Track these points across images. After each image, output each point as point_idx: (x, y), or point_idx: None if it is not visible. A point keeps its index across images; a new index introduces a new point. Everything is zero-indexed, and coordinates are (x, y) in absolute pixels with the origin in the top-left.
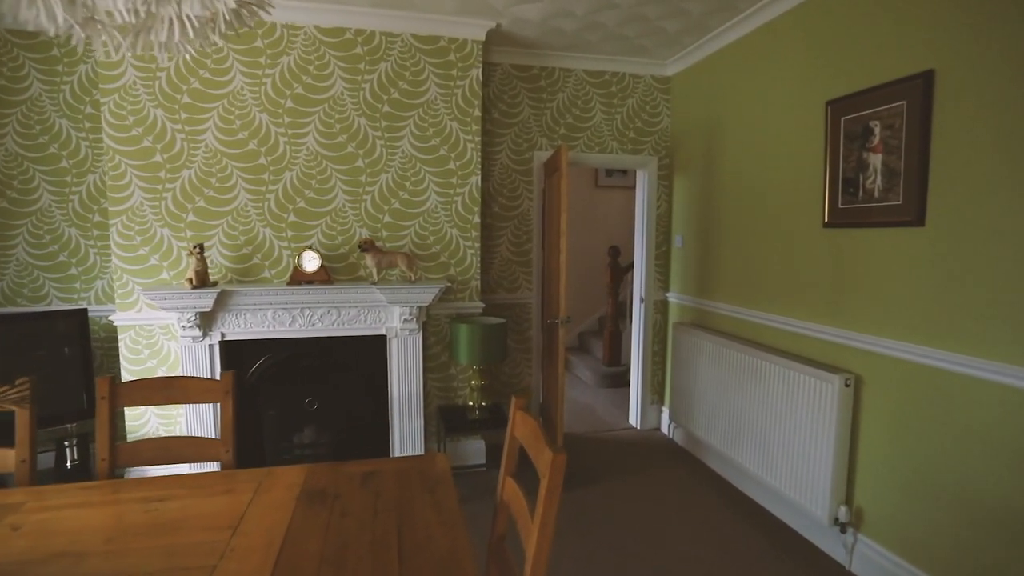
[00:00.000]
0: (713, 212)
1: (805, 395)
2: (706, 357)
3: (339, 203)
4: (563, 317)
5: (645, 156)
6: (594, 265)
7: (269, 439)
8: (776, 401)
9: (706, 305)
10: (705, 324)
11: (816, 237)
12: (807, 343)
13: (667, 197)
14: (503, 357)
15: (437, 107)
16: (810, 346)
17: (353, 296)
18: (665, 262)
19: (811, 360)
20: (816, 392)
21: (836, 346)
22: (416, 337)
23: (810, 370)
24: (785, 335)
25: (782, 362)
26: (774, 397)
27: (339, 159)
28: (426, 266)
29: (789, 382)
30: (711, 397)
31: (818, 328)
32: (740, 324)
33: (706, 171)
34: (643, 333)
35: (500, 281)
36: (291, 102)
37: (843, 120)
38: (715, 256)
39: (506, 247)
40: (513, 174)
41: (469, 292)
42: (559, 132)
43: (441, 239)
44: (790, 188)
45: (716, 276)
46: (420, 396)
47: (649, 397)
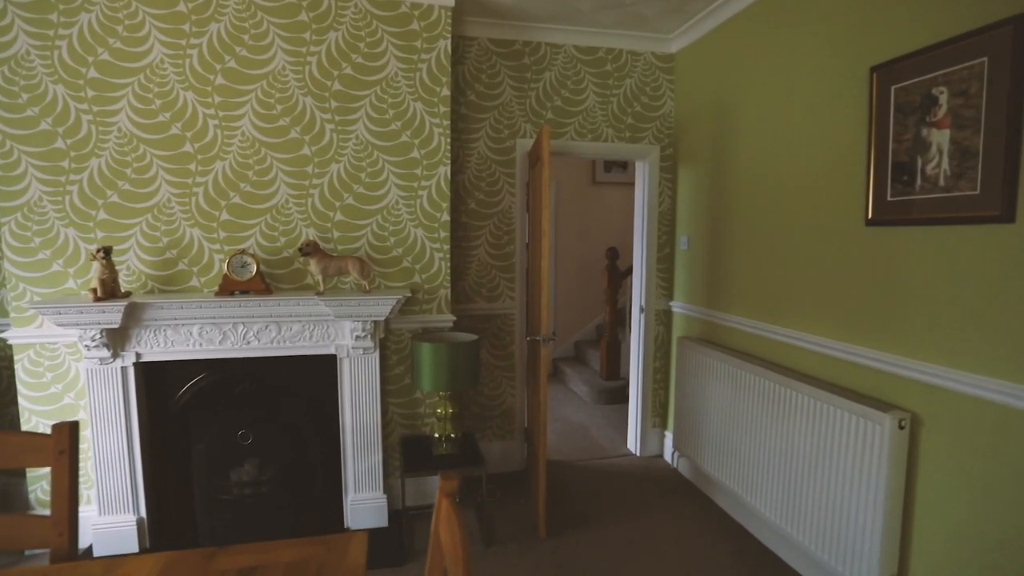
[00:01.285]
0: (724, 209)
1: (844, 435)
2: (716, 379)
3: (281, 198)
4: (546, 334)
5: (645, 145)
6: (591, 268)
7: (200, 478)
8: (805, 439)
9: (716, 317)
10: (715, 340)
11: (857, 238)
12: (845, 369)
13: (670, 192)
14: (475, 382)
15: (398, 85)
16: (850, 373)
17: (294, 309)
18: (668, 266)
19: (851, 391)
20: (859, 433)
21: (884, 376)
22: (372, 356)
23: (851, 405)
24: (816, 358)
25: (813, 392)
26: (803, 434)
27: (281, 146)
28: (385, 272)
29: (823, 417)
30: (722, 427)
31: (860, 351)
32: (758, 342)
33: (716, 162)
34: (643, 347)
35: (478, 289)
36: (222, 78)
37: (894, 90)
38: (727, 261)
39: (485, 249)
40: (492, 165)
41: (437, 303)
42: (545, 117)
43: (403, 241)
44: (822, 178)
45: (728, 284)
46: (378, 426)
47: (650, 420)
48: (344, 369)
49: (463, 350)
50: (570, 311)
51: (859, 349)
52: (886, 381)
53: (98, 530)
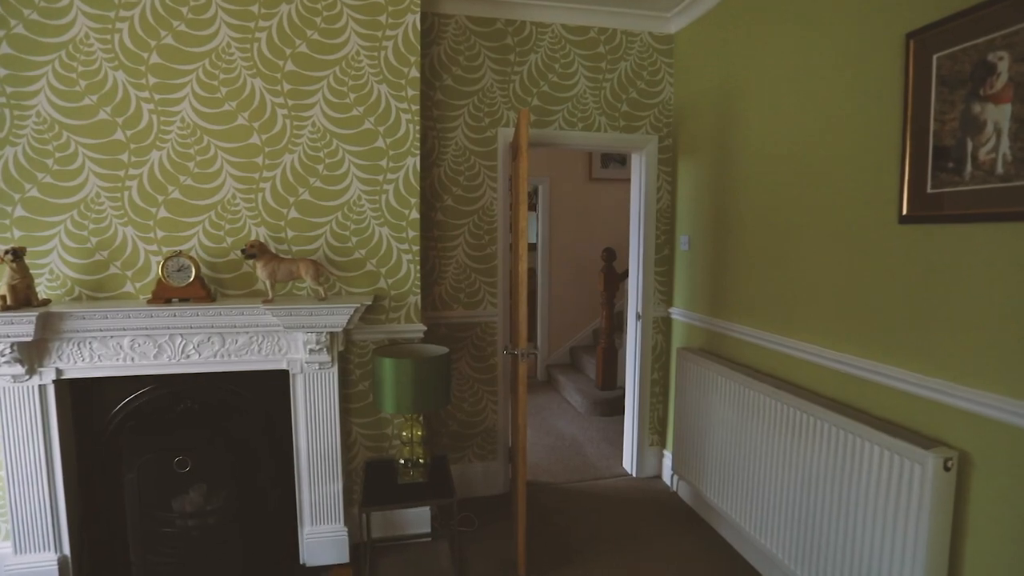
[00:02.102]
0: (730, 206)
1: (875, 473)
2: (720, 397)
3: (227, 193)
4: (523, 348)
5: (642, 135)
6: (588, 270)
7: (134, 510)
8: (825, 474)
9: (720, 327)
10: (719, 351)
11: (888, 237)
12: (875, 393)
13: (670, 187)
14: (445, 401)
15: (360, 66)
16: (881, 398)
17: (238, 319)
18: (667, 269)
19: (884, 420)
20: (894, 472)
21: (924, 403)
22: (329, 372)
23: (883, 438)
24: (839, 378)
25: (836, 419)
26: (822, 468)
27: (226, 134)
28: (346, 277)
29: (848, 450)
30: (727, 451)
31: (893, 373)
32: (769, 356)
33: (720, 153)
34: (639, 358)
35: (456, 294)
36: (157, 56)
37: (936, 59)
38: (732, 264)
39: (463, 251)
40: (472, 157)
41: (406, 311)
42: (531, 104)
43: (367, 241)
44: (845, 169)
45: (734, 290)
46: (337, 450)
47: (647, 437)
48: (297, 386)
49: (431, 366)
50: (565, 315)
51: (892, 370)
52: (926, 410)
53: (12, 571)
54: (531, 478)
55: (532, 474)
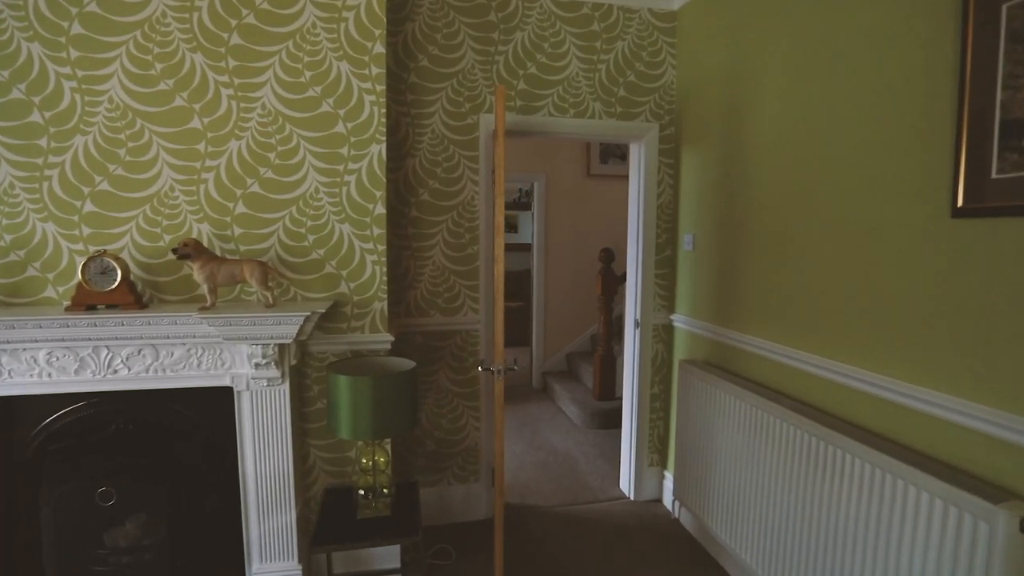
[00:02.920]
0: (741, 201)
1: (924, 525)
2: (728, 418)
3: (164, 184)
4: (501, 364)
5: (641, 123)
6: (586, 271)
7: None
8: (858, 521)
9: (728, 337)
10: (727, 365)
11: (938, 234)
12: (924, 426)
13: (672, 180)
14: (410, 424)
15: (317, 40)
16: (931, 433)
17: (170, 329)
18: (669, 272)
19: (934, 460)
20: (949, 527)
21: (990, 443)
22: (279, 389)
23: (937, 484)
24: (875, 405)
25: (873, 456)
26: (854, 513)
27: (162, 117)
28: (302, 280)
29: (889, 495)
30: (735, 479)
31: (948, 403)
32: (786, 374)
33: (730, 141)
34: (638, 369)
35: (433, 299)
36: (79, 26)
37: (1006, 8)
38: (743, 266)
39: (441, 250)
40: (450, 146)
41: (371, 319)
42: (517, 87)
43: (326, 240)
44: (880, 155)
45: (745, 296)
46: (289, 476)
47: (646, 456)
48: (243, 405)
49: (394, 384)
50: (562, 319)
51: (946, 399)
52: (994, 452)
53: None
54: (519, 500)
55: (520, 496)
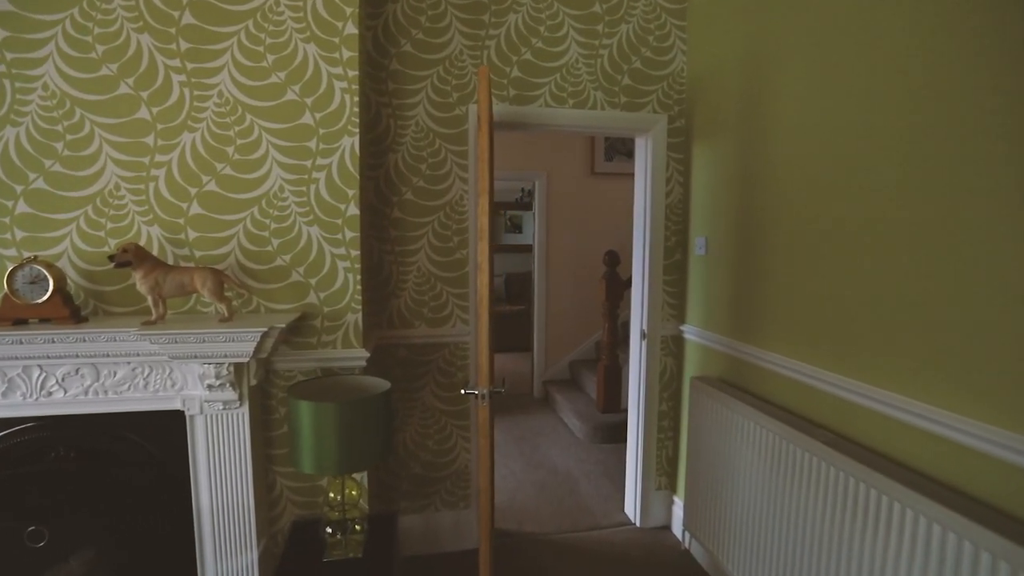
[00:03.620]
0: (761, 199)
1: None
2: (748, 446)
3: (108, 182)
4: (484, 387)
5: (647, 115)
6: (590, 275)
7: None
8: None
9: (746, 353)
10: (746, 385)
11: (1019, 237)
12: (995, 472)
13: (682, 178)
14: (383, 455)
15: (281, 19)
16: (1007, 482)
17: (110, 346)
18: (679, 278)
19: (1013, 520)
20: None
21: None
22: (238, 413)
23: (1017, 552)
24: (933, 444)
25: (935, 510)
26: (906, 572)
27: (105, 106)
28: (265, 290)
29: (953, 557)
30: (754, 516)
31: None
32: (818, 399)
33: (747, 133)
34: (644, 385)
35: (418, 309)
36: (9, 4)
37: None
38: (765, 273)
39: (427, 255)
40: (436, 140)
41: (343, 332)
42: (510, 75)
43: (292, 244)
44: (932, 142)
45: (767, 307)
46: (250, 511)
47: (653, 479)
48: (197, 431)
49: (365, 409)
50: (564, 325)
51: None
52: None
53: None
54: (515, 527)
55: (517, 522)
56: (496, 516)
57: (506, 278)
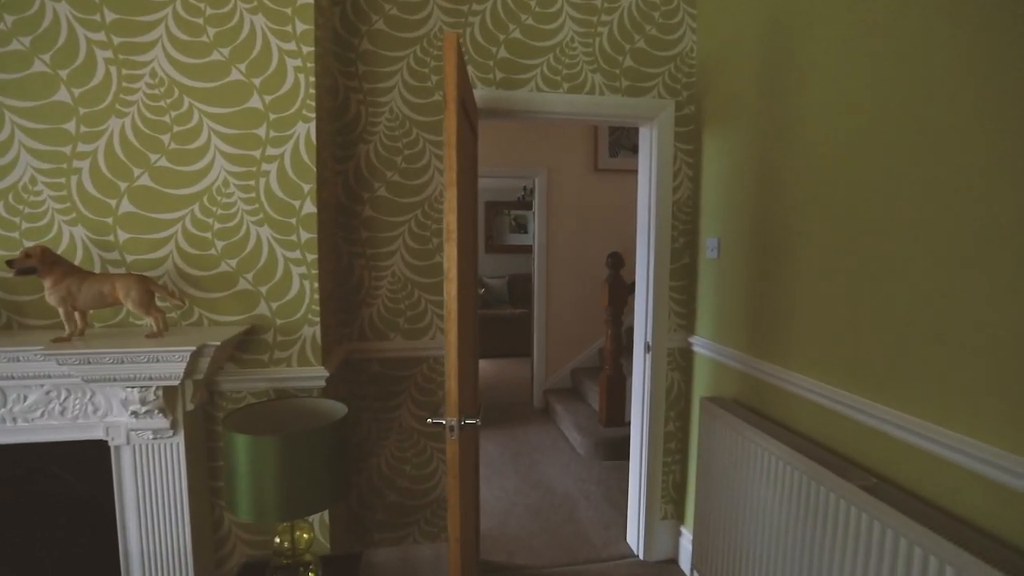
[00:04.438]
0: (785, 194)
1: None
2: (769, 482)
3: (22, 176)
4: (453, 418)
5: (653, 100)
6: (593, 277)
7: None
8: None
9: (767, 373)
10: (766, 410)
11: None
12: None
13: (691, 171)
14: (335, 497)
15: None
16: None
17: (13, 367)
18: (688, 284)
19: None
20: None
21: None
22: (171, 443)
23: None
24: (1011, 500)
25: None
26: None
27: (17, 87)
28: (208, 300)
29: None
30: (779, 565)
31: None
32: (856, 432)
33: (769, 118)
34: (648, 402)
35: (393, 319)
36: None
37: None
38: (788, 281)
39: (403, 258)
40: (413, 130)
41: (299, 348)
42: (496, 56)
43: (238, 247)
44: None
45: (791, 320)
46: (187, 555)
47: (659, 507)
48: (123, 463)
49: (314, 443)
50: (566, 330)
51: None
52: None
53: None
54: (505, 559)
55: (506, 552)
56: (484, 544)
57: (509, 279)
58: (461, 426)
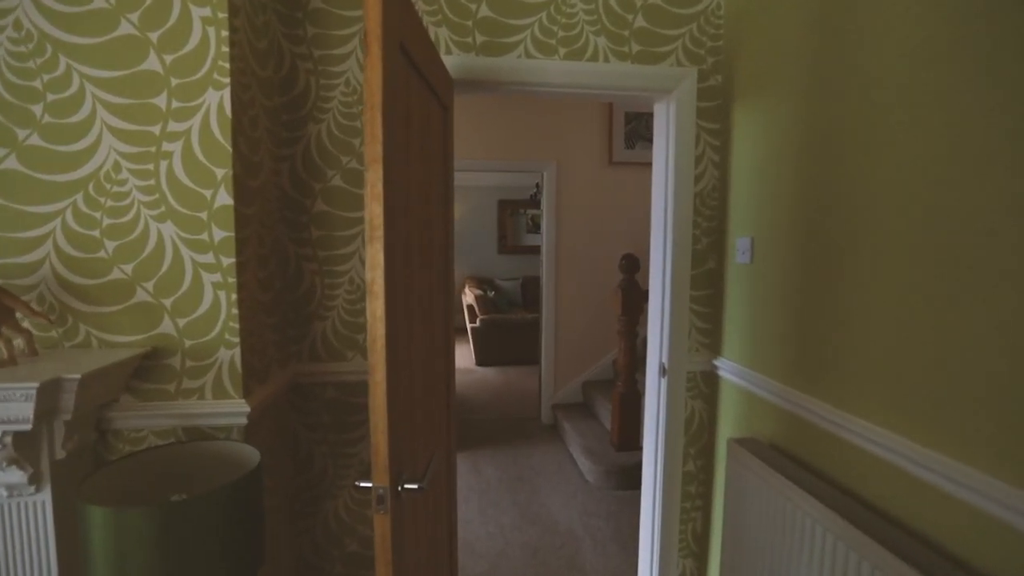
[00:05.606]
0: (842, 183)
1: None
2: (816, 561)
3: None
4: (382, 485)
5: (670, 69)
6: (608, 282)
7: None
8: None
9: (818, 414)
10: (815, 461)
11: None
12: None
13: (718, 156)
14: None
15: None
16: None
17: None
18: (713, 293)
19: None
20: None
21: None
22: (34, 502)
23: None
24: None
25: None
26: None
27: None
28: (96, 315)
29: None
30: None
31: None
32: (961, 514)
33: (826, 86)
34: (663, 435)
35: (351, 335)
36: None
37: None
38: (847, 292)
39: (362, 261)
40: None
41: (214, 375)
42: (476, 14)
43: (134, 249)
44: None
45: (852, 345)
46: None
47: (676, 562)
48: None
49: (204, 514)
50: (578, 340)
51: None
52: None
53: None
54: None
55: None
56: None
57: (523, 281)
58: (397, 493)
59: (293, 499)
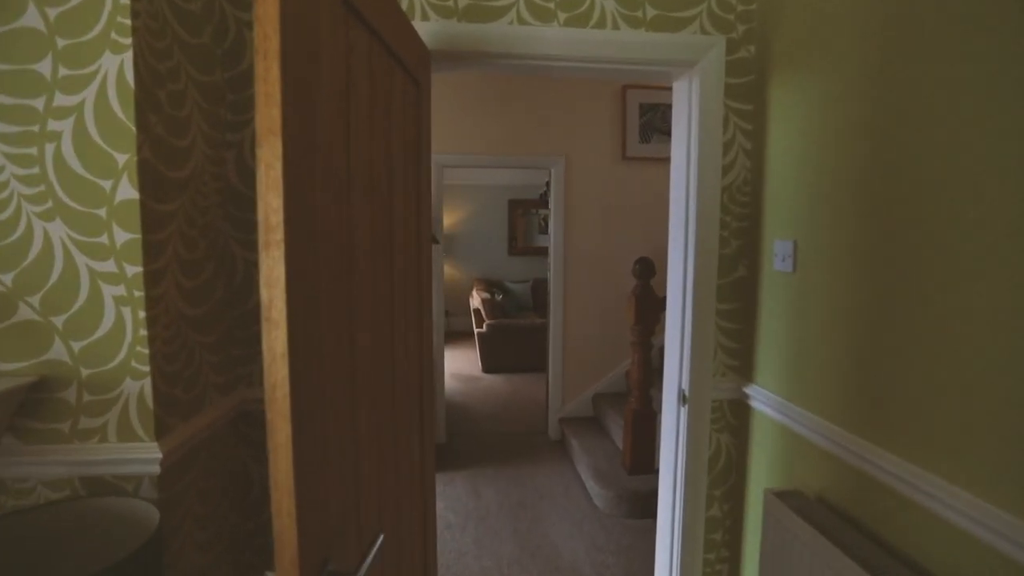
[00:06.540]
0: (919, 171)
1: None
2: None
3: None
4: None
5: (692, 37)
6: (621, 286)
7: None
8: None
9: (887, 471)
10: (880, 527)
11: None
12: None
13: (750, 143)
14: None
15: None
16: None
17: None
18: (744, 307)
19: None
20: None
21: None
22: None
23: None
24: None
25: None
26: None
27: None
28: None
29: None
30: None
31: None
32: None
33: (888, 60)
34: (683, 474)
35: None
36: None
37: None
38: (935, 318)
39: None
40: None
41: (119, 411)
42: None
43: (16, 254)
44: None
45: (937, 385)
46: None
47: None
48: None
49: None
50: (588, 348)
51: None
52: None
53: None
54: None
55: None
56: None
57: (533, 284)
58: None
59: (240, 548)
